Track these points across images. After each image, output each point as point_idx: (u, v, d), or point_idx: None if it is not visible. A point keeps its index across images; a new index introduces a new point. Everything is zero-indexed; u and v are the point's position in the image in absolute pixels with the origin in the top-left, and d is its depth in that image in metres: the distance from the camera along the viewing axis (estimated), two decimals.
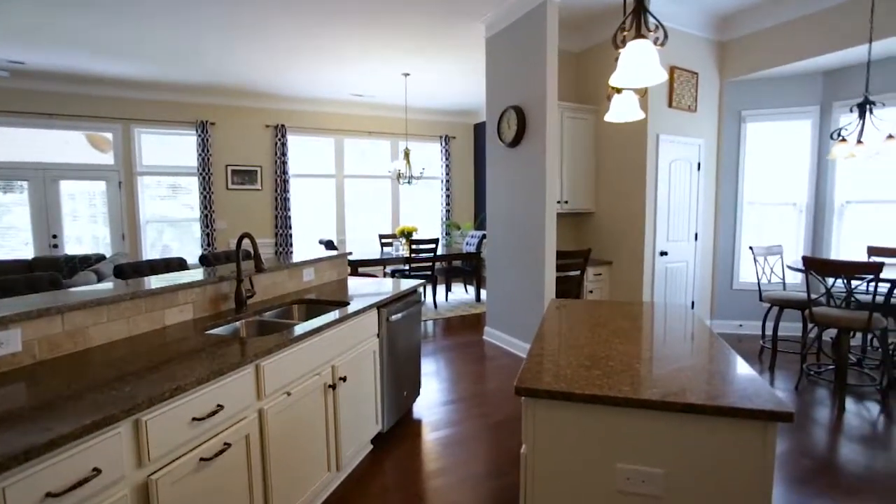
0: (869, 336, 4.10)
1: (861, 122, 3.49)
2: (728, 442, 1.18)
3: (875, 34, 3.79)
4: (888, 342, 3.58)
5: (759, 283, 4.14)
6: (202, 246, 7.19)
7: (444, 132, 8.85)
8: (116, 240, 6.79)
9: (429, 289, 7.25)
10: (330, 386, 2.15)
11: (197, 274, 2.36)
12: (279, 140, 7.50)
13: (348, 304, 2.52)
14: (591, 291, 4.57)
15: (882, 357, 3.46)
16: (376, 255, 6.25)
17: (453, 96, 7.60)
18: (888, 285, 3.31)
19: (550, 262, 3.95)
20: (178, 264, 2.89)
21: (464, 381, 3.82)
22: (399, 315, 2.84)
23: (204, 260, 3.25)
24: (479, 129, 8.86)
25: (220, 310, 2.32)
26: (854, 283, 3.36)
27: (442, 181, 8.81)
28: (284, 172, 7.58)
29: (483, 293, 6.96)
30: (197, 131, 7.00)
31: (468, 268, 6.84)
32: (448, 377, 3.93)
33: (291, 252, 7.77)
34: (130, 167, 6.78)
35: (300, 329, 1.98)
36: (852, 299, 3.55)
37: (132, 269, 2.64)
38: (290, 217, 7.67)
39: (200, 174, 7.04)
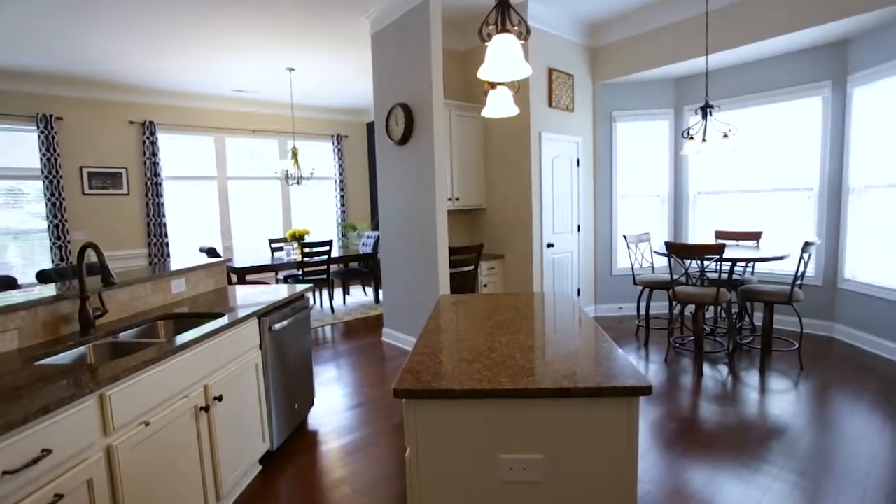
0: (719, 308, 4.71)
1: (704, 122, 3.99)
2: (598, 419, 1.23)
3: (710, 49, 4.38)
4: (732, 312, 4.15)
5: (632, 269, 4.56)
6: (53, 261, 6.19)
7: (335, 131, 8.58)
8: None
9: (325, 293, 6.99)
10: (202, 408, 1.93)
11: (29, 293, 1.98)
12: (148, 138, 6.71)
13: (224, 315, 2.29)
14: (485, 285, 4.70)
15: (728, 326, 4.00)
16: (267, 261, 5.85)
17: (344, 94, 7.39)
18: (730, 264, 3.82)
19: (444, 259, 3.98)
20: (5, 283, 2.41)
21: (363, 385, 3.71)
22: (284, 323, 2.66)
23: (44, 277, 2.76)
24: (372, 128, 8.68)
25: (60, 334, 1.97)
26: (705, 263, 3.83)
27: (335, 181, 8.53)
28: (156, 174, 6.80)
29: (382, 294, 6.86)
30: (38, 127, 5.99)
31: (365, 269, 6.70)
32: (347, 382, 3.79)
33: (169, 263, 6.99)
34: None
35: (162, 348, 1.74)
36: (705, 277, 4.06)
37: None
38: (165, 224, 6.90)
39: (46, 177, 6.04)
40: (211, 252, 5.56)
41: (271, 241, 6.87)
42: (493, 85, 2.05)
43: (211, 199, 7.45)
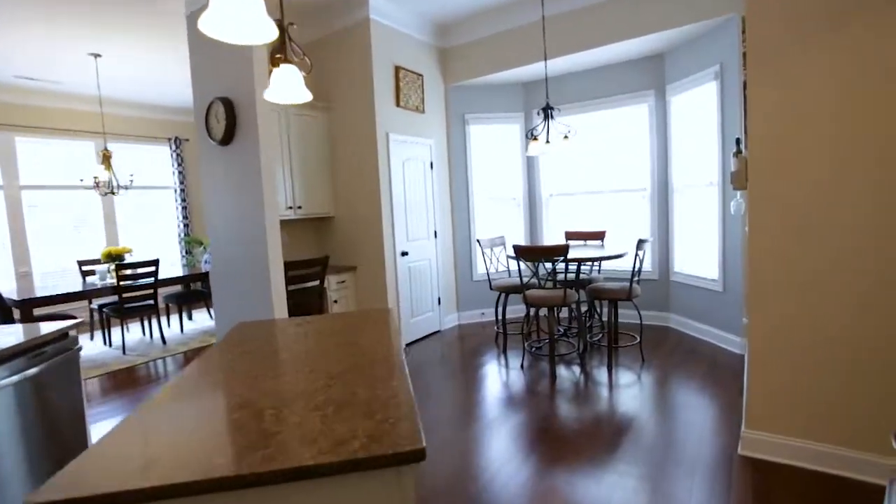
0: (571, 308, 4.83)
1: (546, 123, 4.02)
2: (356, 502, 0.89)
3: (549, 54, 4.49)
4: (582, 312, 4.23)
5: (488, 274, 4.47)
6: None
7: (173, 133, 7.46)
8: None
9: (154, 322, 5.96)
10: None
11: None
12: None
13: None
14: (335, 301, 4.25)
15: (578, 326, 4.06)
16: (77, 288, 4.74)
17: (181, 92, 6.41)
18: (577, 264, 3.87)
19: (277, 276, 3.46)
20: None
21: None
22: (28, 373, 1.95)
23: None
24: None
25: None
26: (558, 265, 3.83)
27: (175, 190, 7.41)
28: None
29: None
30: None
31: (208, 290, 5.82)
32: None
33: None
34: None
35: None
36: (556, 279, 4.08)
37: None
38: None
39: None
40: None
41: (81, 264, 5.65)
42: (276, 62, 1.65)
43: None
